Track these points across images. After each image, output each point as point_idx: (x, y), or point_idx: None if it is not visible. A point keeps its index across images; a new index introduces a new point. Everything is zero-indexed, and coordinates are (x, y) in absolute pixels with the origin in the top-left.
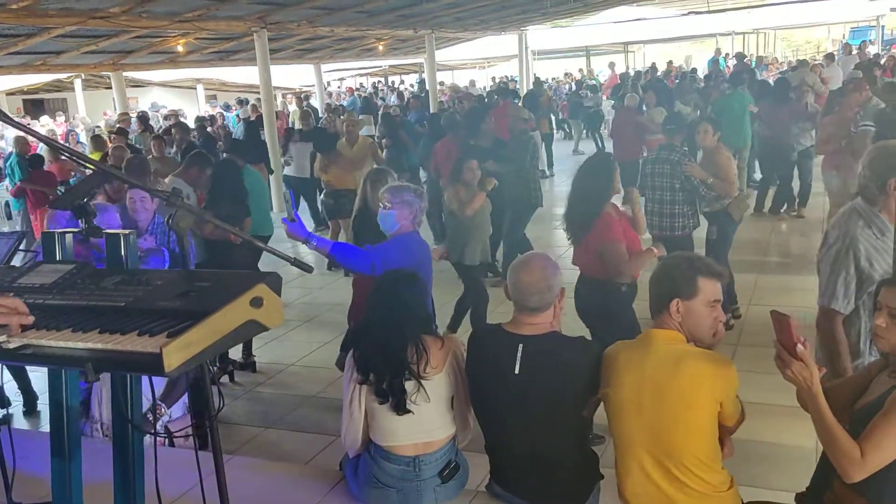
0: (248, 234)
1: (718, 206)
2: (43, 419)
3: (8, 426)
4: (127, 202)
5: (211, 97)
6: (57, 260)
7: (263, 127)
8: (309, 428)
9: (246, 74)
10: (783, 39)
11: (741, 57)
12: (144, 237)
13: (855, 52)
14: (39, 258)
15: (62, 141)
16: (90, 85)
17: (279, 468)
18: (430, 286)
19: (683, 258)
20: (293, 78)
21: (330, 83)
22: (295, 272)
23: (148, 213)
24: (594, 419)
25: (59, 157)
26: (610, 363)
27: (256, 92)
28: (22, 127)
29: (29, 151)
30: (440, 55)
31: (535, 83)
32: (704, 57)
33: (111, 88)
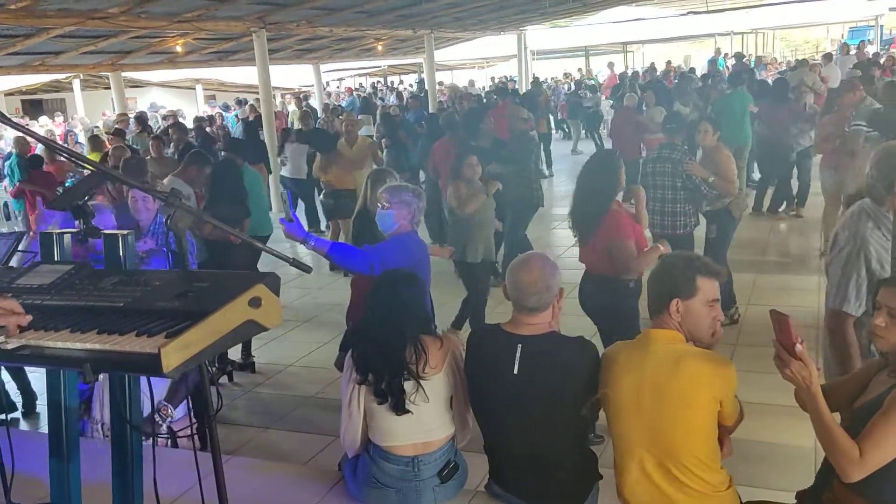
0: (247, 233)
1: (719, 204)
2: (42, 420)
3: (7, 428)
4: (129, 202)
5: (210, 97)
6: (55, 260)
7: (262, 127)
8: (308, 428)
9: (245, 75)
10: (782, 39)
11: (740, 57)
12: (144, 239)
13: (853, 51)
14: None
15: (60, 141)
16: (89, 85)
17: (278, 468)
18: (428, 286)
19: (681, 258)
20: (292, 78)
21: (329, 83)
22: (294, 272)
23: (150, 213)
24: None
25: (55, 157)
26: (609, 363)
27: (255, 92)
28: (19, 127)
29: (29, 152)
30: (439, 55)
31: (533, 83)
32: (703, 57)
33: (110, 89)
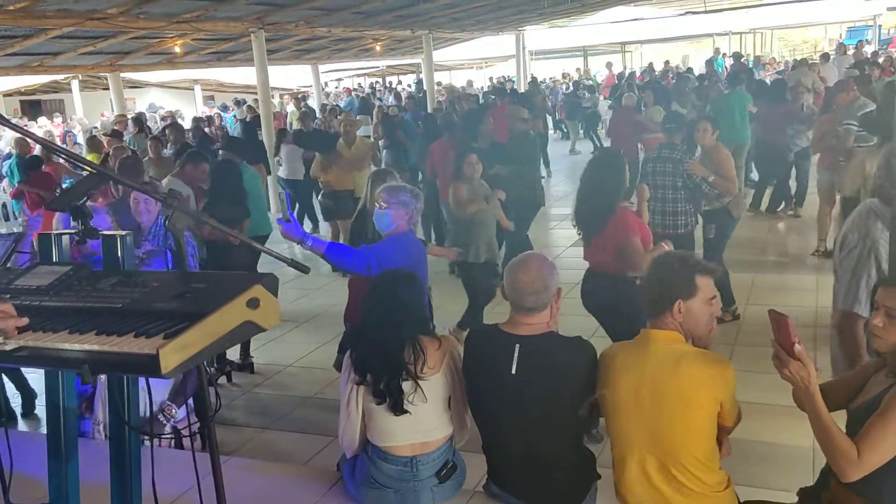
0: (247, 233)
1: (719, 203)
2: (41, 421)
3: (5, 429)
4: (130, 203)
5: (209, 98)
6: (54, 262)
7: (260, 127)
8: (306, 429)
9: (243, 75)
10: (780, 39)
11: (738, 57)
12: (146, 240)
13: (851, 51)
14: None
15: (59, 142)
16: (87, 86)
17: (277, 469)
18: (426, 286)
19: (676, 258)
20: (291, 78)
21: (327, 84)
22: (292, 273)
23: (151, 214)
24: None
25: (51, 158)
26: (608, 364)
27: (254, 92)
28: (17, 128)
29: (29, 153)
30: (437, 55)
31: (531, 83)
32: (702, 57)
33: (109, 89)
